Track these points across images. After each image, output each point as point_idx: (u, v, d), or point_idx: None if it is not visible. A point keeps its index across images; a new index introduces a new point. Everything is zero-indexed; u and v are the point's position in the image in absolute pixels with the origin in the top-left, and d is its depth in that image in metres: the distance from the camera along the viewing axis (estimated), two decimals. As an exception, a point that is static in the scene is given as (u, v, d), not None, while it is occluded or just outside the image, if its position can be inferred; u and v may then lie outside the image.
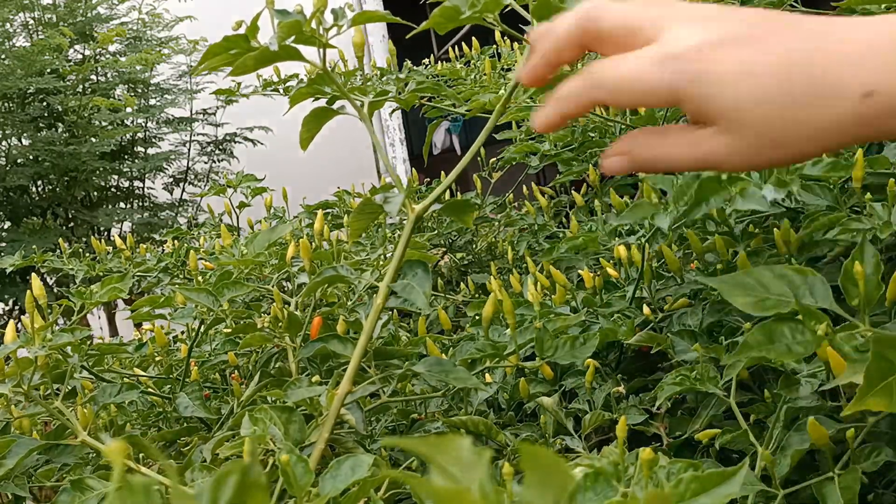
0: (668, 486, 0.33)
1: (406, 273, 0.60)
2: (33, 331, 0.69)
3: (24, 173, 4.42)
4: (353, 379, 0.54)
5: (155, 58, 4.74)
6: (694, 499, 0.33)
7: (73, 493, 0.63)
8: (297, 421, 0.57)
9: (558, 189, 1.81)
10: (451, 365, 0.64)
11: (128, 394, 0.85)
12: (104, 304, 4.35)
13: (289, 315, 0.78)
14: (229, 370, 1.13)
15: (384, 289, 0.56)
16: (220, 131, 5.32)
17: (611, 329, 0.91)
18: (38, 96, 4.53)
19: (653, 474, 0.35)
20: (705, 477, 0.33)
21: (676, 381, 0.79)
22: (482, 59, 1.65)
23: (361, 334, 0.56)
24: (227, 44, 0.52)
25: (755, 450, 0.70)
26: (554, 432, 0.91)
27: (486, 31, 0.93)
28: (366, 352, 0.57)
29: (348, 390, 0.54)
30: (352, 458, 0.48)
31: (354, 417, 0.65)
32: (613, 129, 1.33)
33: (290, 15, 0.50)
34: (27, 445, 0.66)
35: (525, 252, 1.42)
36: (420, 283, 0.59)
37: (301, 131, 0.63)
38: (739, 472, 0.33)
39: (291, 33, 0.51)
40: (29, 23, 4.70)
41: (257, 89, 1.88)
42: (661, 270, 1.01)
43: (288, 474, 0.46)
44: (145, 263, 1.47)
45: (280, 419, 0.56)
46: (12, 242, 4.19)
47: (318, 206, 1.64)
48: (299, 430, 0.56)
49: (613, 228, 0.98)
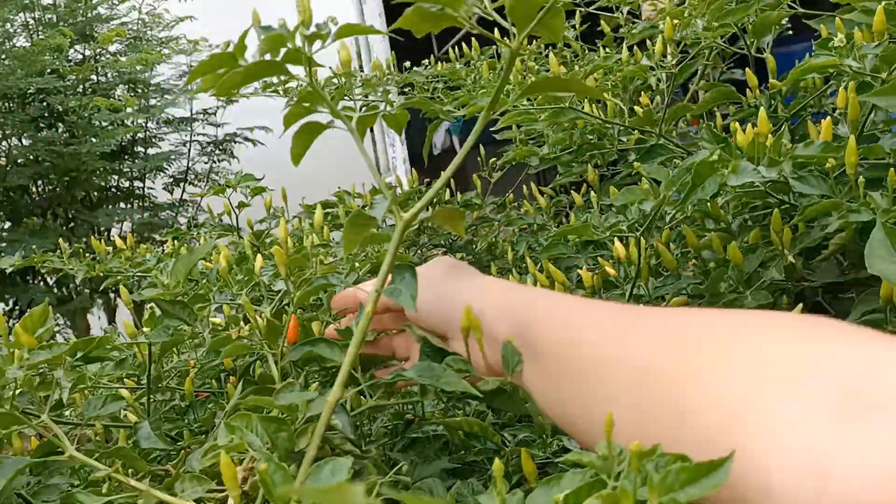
0: (656, 478, 0.33)
1: (395, 278, 0.61)
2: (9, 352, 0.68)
3: (24, 173, 4.42)
4: (345, 384, 0.54)
5: (155, 58, 4.75)
6: (682, 489, 0.33)
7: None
8: (286, 430, 0.57)
9: (558, 189, 1.81)
10: (443, 369, 0.64)
11: (112, 405, 0.84)
12: (104, 301, 4.35)
13: (268, 322, 0.78)
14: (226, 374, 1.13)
15: (373, 295, 0.56)
16: (221, 131, 5.32)
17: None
18: (38, 96, 4.53)
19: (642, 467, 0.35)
20: (693, 468, 0.34)
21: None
22: (482, 59, 1.65)
23: (352, 340, 0.56)
24: (213, 62, 0.52)
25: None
26: (552, 433, 0.91)
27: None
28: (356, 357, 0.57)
29: (340, 396, 0.54)
30: (331, 462, 0.48)
31: (340, 421, 0.65)
32: (612, 131, 1.33)
33: (272, 29, 0.50)
34: (14, 465, 0.64)
35: (525, 252, 1.42)
36: (407, 287, 0.61)
37: (292, 147, 0.63)
38: (727, 462, 0.34)
39: (274, 47, 0.51)
40: (29, 23, 4.71)
41: (257, 90, 1.89)
42: (660, 269, 1.01)
43: (267, 482, 0.46)
44: (145, 264, 1.48)
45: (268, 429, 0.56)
46: (12, 242, 4.19)
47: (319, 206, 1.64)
48: (288, 440, 0.56)
49: (613, 224, 0.98)
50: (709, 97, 1.26)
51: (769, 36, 1.25)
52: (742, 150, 0.81)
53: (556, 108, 1.13)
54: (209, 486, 0.58)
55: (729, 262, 0.87)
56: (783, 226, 0.85)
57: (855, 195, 0.80)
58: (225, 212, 1.74)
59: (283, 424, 0.58)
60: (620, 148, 1.35)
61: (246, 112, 4.41)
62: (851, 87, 0.92)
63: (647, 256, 0.96)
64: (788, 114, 1.18)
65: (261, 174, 1.66)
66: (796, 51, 1.33)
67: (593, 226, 0.96)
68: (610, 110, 1.26)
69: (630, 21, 1.50)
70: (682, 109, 1.28)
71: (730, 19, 1.13)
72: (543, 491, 0.42)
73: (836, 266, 0.91)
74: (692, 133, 1.50)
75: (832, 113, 1.06)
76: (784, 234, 0.84)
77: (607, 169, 1.49)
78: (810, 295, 0.94)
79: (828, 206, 0.80)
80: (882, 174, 0.81)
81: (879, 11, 0.89)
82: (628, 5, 1.50)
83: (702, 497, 0.34)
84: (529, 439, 0.92)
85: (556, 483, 0.42)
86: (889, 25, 0.90)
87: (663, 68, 1.21)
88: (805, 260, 0.92)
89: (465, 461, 0.85)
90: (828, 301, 0.94)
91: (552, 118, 1.18)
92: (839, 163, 0.82)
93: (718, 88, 1.25)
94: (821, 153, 0.80)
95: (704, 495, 0.33)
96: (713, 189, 0.77)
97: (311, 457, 0.52)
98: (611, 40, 1.59)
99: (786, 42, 1.45)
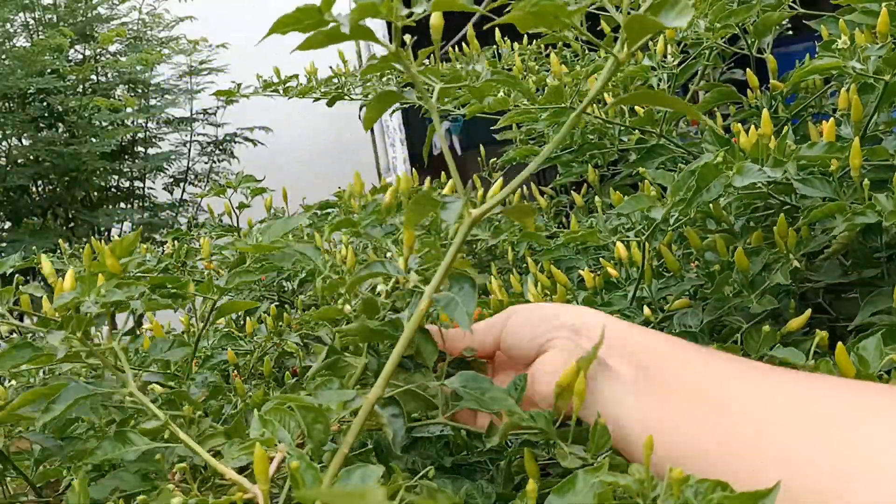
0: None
1: (452, 285, 0.57)
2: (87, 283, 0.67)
3: (24, 173, 4.42)
4: (387, 383, 0.53)
5: (155, 58, 4.74)
6: (724, 519, 0.31)
7: (115, 443, 0.62)
8: (323, 421, 0.55)
9: (558, 190, 1.81)
10: (489, 383, 0.61)
11: (178, 351, 0.85)
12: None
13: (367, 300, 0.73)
14: (231, 369, 1.13)
15: (429, 293, 0.54)
16: (221, 131, 5.32)
17: (610, 330, 0.90)
18: (38, 96, 4.53)
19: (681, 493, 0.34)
20: (736, 497, 0.32)
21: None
22: (482, 59, 1.65)
23: (401, 336, 0.54)
24: (299, 14, 0.51)
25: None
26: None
27: (486, 32, 0.93)
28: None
29: (380, 395, 0.52)
30: (362, 468, 0.47)
31: (393, 429, 0.61)
32: (612, 131, 1.33)
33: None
34: (77, 392, 0.64)
35: (525, 252, 1.42)
36: (465, 300, 0.56)
37: (366, 112, 0.62)
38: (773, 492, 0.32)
39: (366, 14, 0.50)
40: (29, 23, 4.70)
41: (258, 90, 1.89)
42: (661, 270, 1.01)
43: (297, 481, 0.45)
44: (146, 264, 1.47)
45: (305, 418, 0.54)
46: (12, 243, 4.19)
47: (319, 207, 1.64)
48: (324, 431, 0.54)
49: (614, 228, 0.98)
50: (709, 97, 1.26)
51: (770, 36, 1.25)
52: (745, 151, 0.81)
53: (556, 107, 1.13)
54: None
55: (733, 265, 0.87)
56: (788, 228, 0.85)
57: (859, 197, 0.79)
58: (225, 212, 1.74)
59: (320, 415, 0.55)
60: (621, 148, 1.35)
61: (246, 112, 4.41)
62: (853, 89, 0.92)
63: (649, 258, 0.96)
64: (789, 114, 1.18)
65: (261, 175, 1.65)
66: (796, 51, 1.33)
67: (599, 231, 0.96)
68: (610, 110, 1.26)
69: (631, 21, 1.50)
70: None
71: (732, 20, 1.13)
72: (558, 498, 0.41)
73: (839, 266, 0.91)
74: (692, 133, 1.49)
75: (833, 114, 1.06)
76: (789, 238, 0.84)
77: (608, 169, 1.49)
78: (812, 296, 0.94)
79: (833, 208, 0.80)
80: (886, 176, 0.81)
81: (883, 13, 0.89)
82: (629, 5, 1.50)
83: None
84: (532, 440, 0.91)
85: (571, 488, 0.41)
86: (892, 27, 0.90)
87: (664, 68, 1.21)
88: (807, 261, 0.91)
89: (467, 461, 0.84)
90: (829, 301, 0.94)
91: (553, 118, 1.18)
92: (842, 164, 0.82)
93: (719, 89, 1.25)
94: (825, 154, 0.80)
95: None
96: (718, 191, 0.76)
97: (344, 454, 0.50)
98: (611, 41, 1.59)
99: (786, 42, 1.45)
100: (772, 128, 0.82)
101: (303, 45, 0.53)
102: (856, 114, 0.91)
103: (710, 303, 0.89)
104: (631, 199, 0.87)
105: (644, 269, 0.95)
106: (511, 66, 1.55)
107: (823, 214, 0.80)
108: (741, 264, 0.85)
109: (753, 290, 0.84)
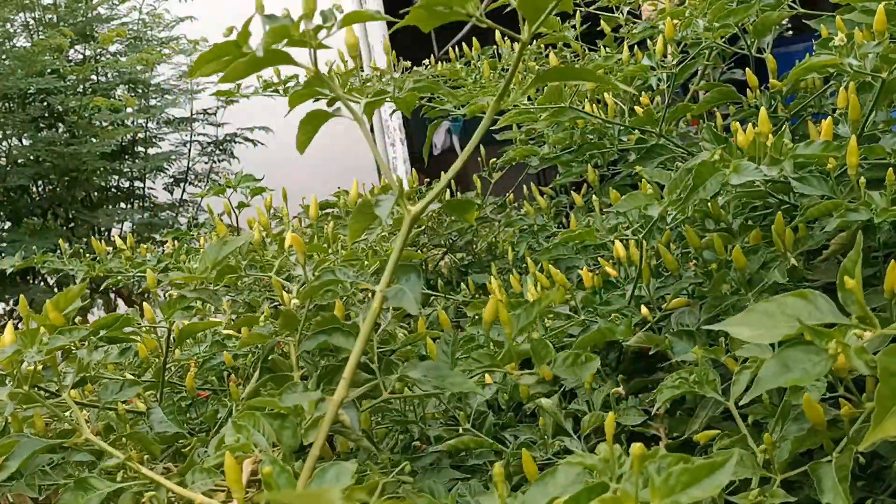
0: (658, 480, 0.33)
1: (399, 278, 0.61)
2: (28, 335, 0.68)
3: (24, 173, 4.42)
4: (350, 383, 0.54)
5: (155, 58, 4.74)
6: (684, 491, 0.32)
7: (77, 492, 0.63)
8: (290, 427, 0.57)
9: (558, 190, 1.81)
10: (448, 369, 0.64)
11: (130, 390, 0.86)
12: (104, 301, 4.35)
13: (285, 313, 0.78)
14: (227, 372, 1.13)
15: (380, 294, 0.56)
16: (221, 131, 5.31)
17: (608, 328, 0.90)
18: (38, 96, 4.52)
19: (644, 469, 0.35)
20: (695, 469, 0.33)
21: (675, 385, 0.79)
22: (482, 59, 1.65)
23: (358, 337, 0.56)
24: (218, 51, 0.52)
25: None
26: (553, 433, 0.91)
27: (486, 32, 0.94)
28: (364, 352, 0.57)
29: (344, 396, 0.54)
30: (336, 467, 0.48)
31: (349, 417, 0.65)
32: (612, 131, 1.33)
33: (277, 19, 0.50)
34: (31, 446, 0.66)
35: (525, 252, 1.42)
36: (412, 289, 0.60)
37: (298, 134, 0.63)
38: (728, 462, 0.33)
39: (279, 38, 0.51)
40: (29, 23, 4.70)
41: (258, 90, 1.89)
42: (660, 269, 1.01)
43: (271, 485, 0.46)
44: (146, 264, 1.48)
45: (273, 426, 0.56)
46: (13, 243, 4.19)
47: (319, 207, 1.64)
48: (293, 437, 0.56)
49: (613, 227, 0.98)
50: (709, 97, 1.26)
51: (769, 36, 1.25)
52: (743, 149, 0.81)
53: (556, 107, 1.13)
54: (218, 478, 0.58)
55: (730, 263, 0.87)
56: (785, 227, 0.85)
57: (856, 196, 0.80)
58: (225, 212, 1.74)
59: (286, 421, 0.57)
60: (621, 148, 1.35)
61: (246, 112, 4.41)
62: (852, 88, 0.92)
63: (647, 257, 0.96)
64: (788, 114, 1.18)
65: (261, 174, 1.66)
66: (796, 51, 1.33)
67: (596, 230, 0.96)
68: (610, 110, 1.26)
69: (630, 21, 1.50)
70: (683, 109, 1.28)
71: (731, 19, 1.13)
72: (539, 489, 0.42)
73: (837, 266, 0.91)
74: (692, 133, 1.49)
75: (832, 113, 1.06)
76: (786, 237, 0.84)
77: (607, 169, 1.49)
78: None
79: (829, 206, 0.80)
80: (884, 174, 0.81)
81: (880, 11, 0.89)
82: (629, 5, 1.50)
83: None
84: (531, 440, 0.91)
85: (552, 478, 0.42)
86: (889, 25, 0.90)
87: (664, 68, 1.21)
88: (806, 260, 0.92)
89: (465, 463, 0.85)
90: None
91: (552, 118, 1.18)
92: (840, 163, 0.82)
93: (719, 88, 1.25)
94: (822, 152, 0.80)
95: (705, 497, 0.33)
96: (714, 188, 0.77)
97: (315, 456, 0.51)
98: (611, 40, 1.59)
99: (786, 42, 1.45)
100: (769, 126, 0.82)
101: (224, 78, 0.54)
102: (853, 113, 0.91)
103: (707, 301, 0.89)
104: (628, 197, 0.87)
105: (642, 267, 0.95)
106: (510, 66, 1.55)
107: (820, 213, 0.80)
108: (739, 263, 0.85)
109: (751, 288, 0.85)
